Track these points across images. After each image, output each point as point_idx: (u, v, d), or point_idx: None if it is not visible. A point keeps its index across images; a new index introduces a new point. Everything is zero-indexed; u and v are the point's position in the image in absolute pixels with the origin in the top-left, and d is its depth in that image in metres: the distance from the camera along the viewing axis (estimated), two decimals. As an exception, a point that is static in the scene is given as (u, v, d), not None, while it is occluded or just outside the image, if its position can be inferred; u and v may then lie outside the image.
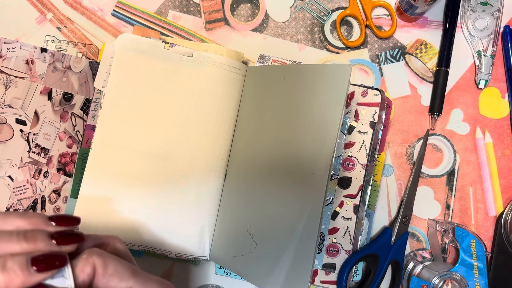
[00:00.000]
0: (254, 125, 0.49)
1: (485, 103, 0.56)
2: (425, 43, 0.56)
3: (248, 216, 0.47)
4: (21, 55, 0.53)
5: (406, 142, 0.55)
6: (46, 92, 0.53)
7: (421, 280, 0.51)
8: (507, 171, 0.55)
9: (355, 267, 0.53)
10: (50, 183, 0.52)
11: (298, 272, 0.41)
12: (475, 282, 0.51)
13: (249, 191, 0.47)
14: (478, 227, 0.54)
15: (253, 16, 0.56)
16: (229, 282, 0.53)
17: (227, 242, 0.49)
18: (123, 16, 0.56)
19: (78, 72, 0.53)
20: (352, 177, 0.50)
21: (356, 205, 0.50)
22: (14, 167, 0.52)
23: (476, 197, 0.54)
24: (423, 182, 0.55)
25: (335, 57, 0.56)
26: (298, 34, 0.56)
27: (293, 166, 0.44)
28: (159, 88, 0.50)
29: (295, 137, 0.44)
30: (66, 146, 0.53)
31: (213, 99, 0.50)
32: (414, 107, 0.55)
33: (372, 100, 0.50)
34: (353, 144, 0.50)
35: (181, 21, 0.56)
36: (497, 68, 0.56)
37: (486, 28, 0.56)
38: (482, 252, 0.51)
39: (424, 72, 0.56)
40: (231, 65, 0.51)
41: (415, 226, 0.54)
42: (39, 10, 0.55)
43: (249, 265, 0.46)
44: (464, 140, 0.55)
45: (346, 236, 0.50)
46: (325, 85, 0.42)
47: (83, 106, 0.53)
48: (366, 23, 0.56)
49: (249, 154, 0.49)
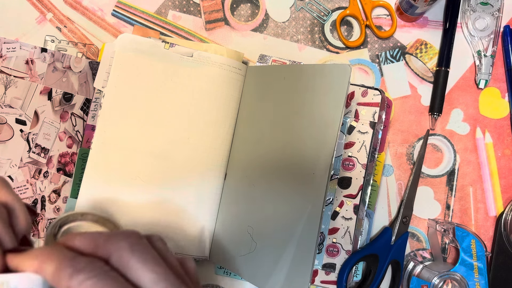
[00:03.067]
0: (254, 125, 0.49)
1: (485, 103, 0.56)
2: (425, 43, 0.56)
3: (248, 216, 0.47)
4: (21, 55, 0.53)
5: (406, 142, 0.55)
6: (46, 92, 0.53)
7: (421, 280, 0.51)
8: (507, 171, 0.55)
9: (355, 267, 0.52)
10: (50, 183, 0.52)
11: (298, 272, 0.41)
12: (475, 282, 0.51)
13: (249, 191, 0.47)
14: (478, 227, 0.54)
15: (253, 16, 0.56)
16: (229, 282, 0.53)
17: (227, 242, 0.49)
18: (123, 16, 0.56)
19: (78, 72, 0.53)
20: (352, 177, 0.50)
21: (356, 205, 0.50)
22: (14, 167, 0.52)
23: (476, 197, 0.54)
24: (423, 182, 0.55)
25: (335, 57, 0.56)
26: (298, 34, 0.56)
27: (293, 166, 0.44)
28: (159, 88, 0.50)
29: (295, 137, 0.44)
30: (66, 146, 0.53)
31: (213, 99, 0.50)
32: (414, 107, 0.55)
33: (372, 100, 0.50)
34: (353, 144, 0.50)
35: (181, 21, 0.56)
36: (497, 68, 0.56)
37: (486, 28, 0.56)
38: (482, 252, 0.51)
39: (424, 72, 0.56)
40: (231, 65, 0.51)
41: (415, 226, 0.54)
42: (39, 10, 0.55)
43: (249, 265, 0.46)
44: (464, 140, 0.55)
45: (346, 236, 0.50)
46: (325, 85, 0.42)
47: (83, 106, 0.53)
48: (366, 23, 0.56)
49: (249, 154, 0.49)
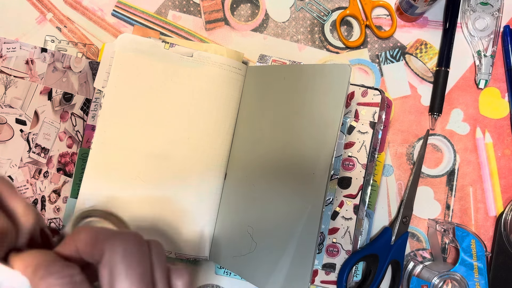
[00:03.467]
0: (254, 125, 0.49)
1: (485, 103, 0.56)
2: (425, 43, 0.56)
3: (248, 216, 0.47)
4: (21, 55, 0.53)
5: (406, 142, 0.55)
6: (46, 92, 0.53)
7: (421, 280, 0.51)
8: (507, 171, 0.55)
9: (355, 267, 0.52)
10: (50, 183, 0.52)
11: (298, 272, 0.41)
12: (475, 282, 0.51)
13: (249, 191, 0.47)
14: (478, 227, 0.54)
15: (253, 16, 0.56)
16: (229, 282, 0.53)
17: (227, 242, 0.49)
18: (123, 16, 0.56)
19: (78, 72, 0.53)
20: (352, 177, 0.50)
21: (356, 205, 0.50)
22: (14, 167, 0.52)
23: (476, 197, 0.54)
24: (423, 182, 0.55)
25: (335, 57, 0.56)
26: (298, 34, 0.56)
27: (293, 166, 0.44)
28: (159, 88, 0.50)
29: (295, 137, 0.44)
30: (66, 146, 0.53)
31: (213, 99, 0.50)
32: (414, 107, 0.55)
33: (372, 100, 0.50)
34: (353, 144, 0.50)
35: (181, 21, 0.56)
36: (497, 68, 0.56)
37: (486, 28, 0.56)
38: (482, 252, 0.51)
39: (424, 72, 0.56)
40: (231, 65, 0.51)
41: (415, 226, 0.54)
42: (39, 10, 0.55)
43: (249, 265, 0.46)
44: (464, 140, 0.55)
45: (346, 236, 0.50)
46: (325, 85, 0.42)
47: (83, 106, 0.53)
48: (366, 23, 0.56)
49: (249, 154, 0.49)
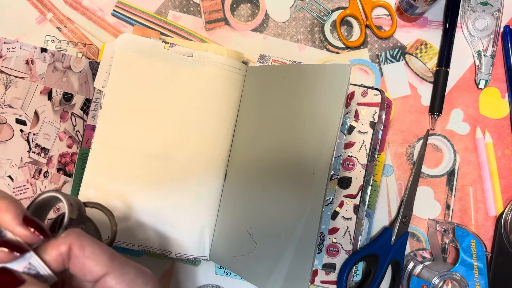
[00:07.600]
0: (254, 125, 0.49)
1: (485, 103, 0.56)
2: (425, 43, 0.56)
3: (248, 216, 0.47)
4: (21, 55, 0.53)
5: (406, 142, 0.55)
6: (46, 92, 0.53)
7: (421, 280, 0.51)
8: (507, 171, 0.55)
9: (355, 267, 0.53)
10: (50, 183, 0.52)
11: (298, 272, 0.41)
12: (475, 282, 0.51)
13: (249, 191, 0.47)
14: (478, 227, 0.54)
15: (253, 16, 0.56)
16: (229, 282, 0.53)
17: (227, 242, 0.49)
18: (123, 16, 0.56)
19: (78, 72, 0.53)
20: (352, 177, 0.50)
21: (356, 205, 0.50)
22: (14, 167, 0.52)
23: (476, 197, 0.54)
24: (423, 182, 0.55)
25: (335, 57, 0.56)
26: (298, 34, 0.56)
27: (293, 166, 0.44)
28: (159, 88, 0.50)
29: (295, 137, 0.44)
30: (66, 146, 0.53)
31: (213, 99, 0.50)
32: (414, 107, 0.55)
33: (372, 100, 0.50)
34: (353, 144, 0.50)
35: (181, 21, 0.56)
36: (497, 68, 0.56)
37: (486, 28, 0.56)
38: (482, 252, 0.51)
39: (424, 72, 0.56)
40: (231, 65, 0.51)
41: (415, 226, 0.54)
42: (39, 10, 0.55)
43: (249, 265, 0.46)
44: (464, 140, 0.55)
45: (346, 236, 0.50)
46: (325, 85, 0.42)
47: (83, 106, 0.53)
48: (366, 23, 0.56)
49: (249, 154, 0.49)
